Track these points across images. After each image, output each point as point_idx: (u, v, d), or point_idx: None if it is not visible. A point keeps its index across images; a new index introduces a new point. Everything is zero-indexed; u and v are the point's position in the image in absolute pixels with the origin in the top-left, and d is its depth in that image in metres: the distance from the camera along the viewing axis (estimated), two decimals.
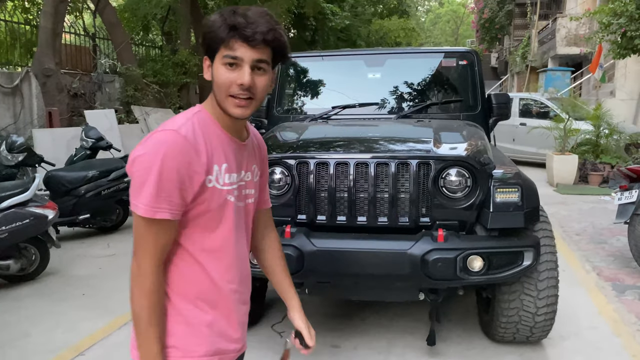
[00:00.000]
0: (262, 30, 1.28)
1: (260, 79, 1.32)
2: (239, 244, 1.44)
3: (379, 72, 4.41)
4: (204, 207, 1.33)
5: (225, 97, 1.32)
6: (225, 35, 1.28)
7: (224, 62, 1.30)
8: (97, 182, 5.95)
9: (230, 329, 1.43)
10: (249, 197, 1.47)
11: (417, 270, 2.82)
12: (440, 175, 2.95)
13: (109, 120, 10.57)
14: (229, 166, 1.37)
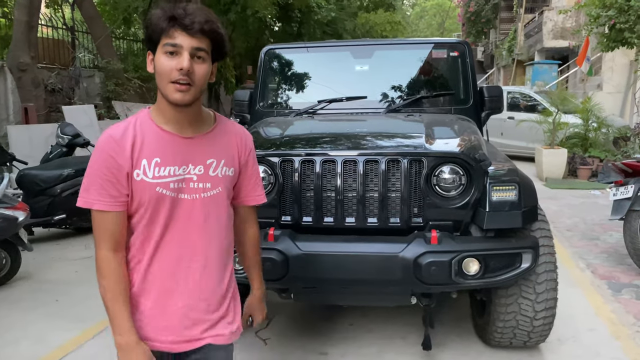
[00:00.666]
0: (200, 20, 1.40)
1: (199, 66, 1.43)
2: (188, 235, 1.51)
3: (367, 64, 4.22)
4: (137, 200, 1.46)
5: (167, 84, 1.42)
6: (165, 25, 1.40)
7: (165, 50, 1.41)
8: (74, 180, 5.69)
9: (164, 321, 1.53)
10: (201, 190, 1.51)
11: (410, 274, 2.64)
12: (433, 172, 2.76)
13: (88, 116, 10.26)
14: (162, 160, 1.46)
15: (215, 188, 1.54)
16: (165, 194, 1.46)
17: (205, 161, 1.52)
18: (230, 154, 1.59)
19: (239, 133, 1.64)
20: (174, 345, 1.55)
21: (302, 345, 3.32)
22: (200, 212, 1.52)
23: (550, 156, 9.36)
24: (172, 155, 1.47)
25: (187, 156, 1.50)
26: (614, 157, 9.44)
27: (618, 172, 4.72)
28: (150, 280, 1.51)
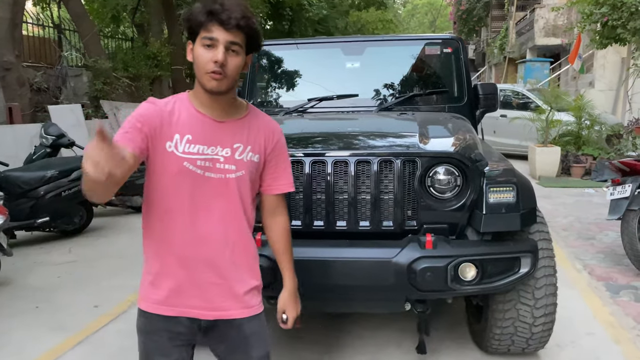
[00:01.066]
0: (237, 16, 1.50)
1: (232, 59, 1.54)
2: (200, 210, 1.60)
3: (358, 61, 4.09)
4: (161, 168, 1.57)
5: (203, 74, 1.54)
6: (204, 19, 1.51)
7: (203, 43, 1.52)
8: (57, 182, 5.53)
9: (161, 288, 1.63)
10: (227, 172, 1.61)
11: (404, 280, 2.52)
12: (428, 173, 2.64)
13: (75, 116, 10.07)
14: (194, 138, 1.57)
15: (239, 170, 1.64)
16: (191, 169, 1.57)
17: (233, 145, 1.63)
18: (257, 141, 1.68)
19: (268, 124, 1.74)
20: (204, 312, 1.64)
21: (293, 353, 3.19)
22: (224, 191, 1.62)
23: (543, 154, 9.28)
24: (202, 135, 1.59)
25: (217, 138, 1.61)
26: (607, 155, 9.38)
27: (615, 171, 4.62)
28: (170, 250, 1.62)
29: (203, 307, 1.64)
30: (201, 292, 1.63)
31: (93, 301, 4.05)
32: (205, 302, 1.64)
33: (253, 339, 1.71)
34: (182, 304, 1.63)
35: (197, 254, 1.62)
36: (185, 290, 1.63)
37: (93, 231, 6.18)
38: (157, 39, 14.87)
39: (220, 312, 1.65)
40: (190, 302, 1.63)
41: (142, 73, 13.87)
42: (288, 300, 1.85)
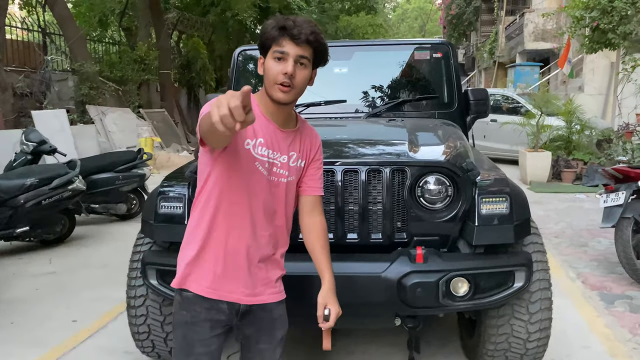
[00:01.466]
0: (306, 32, 1.64)
1: (301, 72, 1.67)
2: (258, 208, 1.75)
3: (346, 66, 3.98)
4: (235, 162, 1.68)
5: (272, 85, 1.67)
6: (276, 35, 1.64)
7: (274, 56, 1.66)
8: (37, 190, 5.34)
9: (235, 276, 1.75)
10: (281, 176, 1.78)
11: (393, 296, 2.40)
12: (418, 183, 2.53)
13: (59, 122, 9.90)
14: (265, 142, 1.72)
15: (290, 176, 1.81)
16: (259, 169, 1.72)
17: (289, 152, 1.80)
18: (305, 149, 1.86)
19: (312, 132, 1.91)
20: (244, 297, 1.77)
21: None
22: (275, 191, 1.78)
23: (534, 159, 9.23)
24: (270, 141, 1.74)
25: (279, 145, 1.77)
26: (598, 160, 9.35)
27: (608, 178, 4.54)
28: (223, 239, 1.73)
29: (242, 293, 1.77)
30: (243, 279, 1.76)
31: (72, 315, 3.89)
32: (245, 288, 1.77)
33: (278, 321, 1.89)
34: (224, 289, 1.75)
35: (245, 244, 1.75)
36: (228, 276, 1.75)
37: (75, 240, 6.00)
38: (144, 43, 14.69)
39: (257, 297, 1.80)
40: (231, 287, 1.75)
41: (129, 77, 13.69)
42: (330, 295, 1.91)
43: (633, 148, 9.05)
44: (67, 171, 5.60)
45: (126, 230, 6.48)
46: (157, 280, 2.61)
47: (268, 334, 1.87)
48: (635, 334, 3.49)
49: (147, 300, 2.81)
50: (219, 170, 1.70)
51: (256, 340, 1.86)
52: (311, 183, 1.91)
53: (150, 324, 2.84)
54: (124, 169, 6.67)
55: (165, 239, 2.71)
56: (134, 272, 2.84)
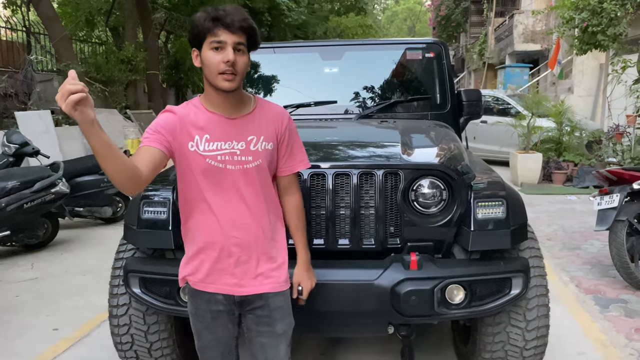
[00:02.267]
0: (239, 19, 1.69)
1: (240, 58, 1.72)
2: (234, 199, 1.80)
3: (337, 66, 3.89)
4: (188, 166, 1.77)
5: (216, 76, 1.71)
6: (210, 25, 1.68)
7: (211, 47, 1.69)
8: (19, 194, 5.19)
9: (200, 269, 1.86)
10: (245, 162, 1.79)
11: (387, 305, 2.31)
12: (411, 187, 2.44)
13: (44, 123, 9.70)
14: (211, 137, 1.76)
15: (255, 160, 1.80)
16: (213, 164, 1.76)
17: (247, 138, 1.80)
18: (268, 130, 1.84)
19: (275, 111, 1.90)
20: (236, 288, 1.84)
21: None
22: (245, 179, 1.80)
23: (525, 161, 9.19)
24: (219, 133, 1.77)
25: (232, 134, 1.78)
26: (588, 161, 9.34)
27: (602, 180, 4.48)
28: (205, 236, 1.82)
29: (235, 284, 1.84)
30: (233, 272, 1.83)
31: (53, 323, 3.76)
32: (236, 279, 1.83)
33: (277, 313, 1.89)
34: (218, 282, 1.84)
35: (228, 238, 1.80)
36: (219, 270, 1.83)
37: (58, 245, 5.85)
38: (131, 43, 14.50)
39: (249, 288, 1.84)
40: (224, 280, 1.84)
41: (116, 78, 13.49)
42: (303, 272, 2.03)
43: (623, 149, 9.06)
44: (50, 174, 5.45)
45: (111, 234, 6.34)
46: (140, 289, 2.50)
47: (267, 325, 1.89)
48: (631, 340, 3.42)
49: (130, 309, 2.69)
50: (180, 174, 1.82)
51: (257, 332, 1.91)
52: (283, 163, 1.92)
53: (134, 334, 2.72)
54: None
55: (149, 245, 2.60)
56: (117, 280, 2.72)
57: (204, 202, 1.80)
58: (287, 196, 1.98)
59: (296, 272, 2.03)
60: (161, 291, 2.47)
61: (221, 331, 1.91)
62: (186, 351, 2.96)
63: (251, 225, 1.83)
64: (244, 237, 1.82)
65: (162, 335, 2.73)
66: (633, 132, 9.14)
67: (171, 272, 2.46)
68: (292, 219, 2.00)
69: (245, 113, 1.83)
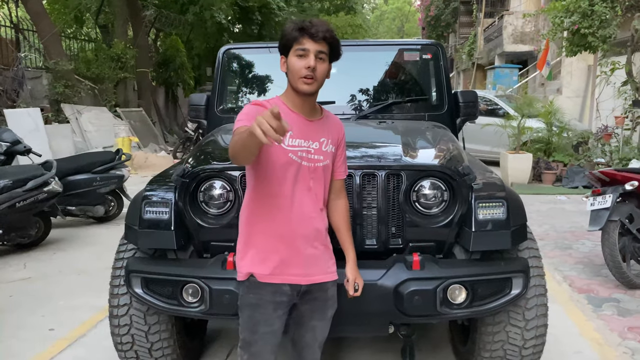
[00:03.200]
0: (322, 30, 1.87)
1: (321, 65, 1.90)
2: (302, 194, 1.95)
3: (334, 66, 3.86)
4: (269, 159, 1.87)
5: (297, 79, 1.89)
6: (297, 35, 1.87)
7: (296, 54, 1.88)
8: (11, 192, 5.13)
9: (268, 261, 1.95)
10: (317, 161, 1.97)
11: (390, 305, 2.33)
12: (413, 188, 2.46)
13: (33, 120, 9.63)
14: (295, 133, 1.91)
15: (325, 160, 2.00)
16: (294, 159, 1.91)
17: (320, 139, 1.99)
18: (333, 135, 2.05)
19: (337, 121, 2.13)
20: (303, 278, 1.97)
21: None
22: (314, 176, 1.98)
23: (515, 161, 9.27)
24: (299, 131, 1.93)
25: (309, 133, 1.96)
26: (577, 162, 9.45)
27: (595, 181, 4.54)
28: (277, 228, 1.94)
29: (302, 274, 1.96)
30: (301, 262, 1.96)
31: (48, 324, 3.73)
32: (304, 269, 1.96)
33: (331, 300, 2.09)
34: (286, 273, 1.94)
35: (299, 229, 1.94)
36: (289, 261, 1.94)
37: (51, 244, 5.80)
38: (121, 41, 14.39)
39: (316, 276, 1.99)
40: (292, 270, 1.95)
41: (106, 75, 13.38)
42: (356, 270, 2.15)
43: (611, 150, 9.18)
44: (43, 172, 5.40)
45: (104, 233, 6.30)
46: (142, 289, 2.49)
47: (321, 311, 2.07)
48: (625, 338, 3.48)
49: (130, 309, 2.68)
50: (259, 170, 1.91)
51: (310, 317, 2.06)
52: (336, 167, 2.10)
53: (134, 334, 2.71)
54: (102, 170, 6.47)
55: (151, 245, 2.59)
56: (117, 280, 2.70)
57: (279, 196, 1.92)
58: (338, 199, 2.13)
59: (351, 270, 2.14)
60: (163, 291, 2.47)
61: (277, 323, 1.99)
62: (187, 351, 2.97)
63: (317, 219, 1.99)
64: (311, 229, 1.98)
65: (163, 336, 2.73)
66: (621, 133, 9.27)
67: (174, 272, 2.48)
68: (343, 220, 2.14)
69: (319, 118, 2.03)
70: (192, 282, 2.40)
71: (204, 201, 2.51)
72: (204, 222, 2.50)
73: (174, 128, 18.58)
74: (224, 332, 3.57)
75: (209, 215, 2.52)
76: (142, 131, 13.92)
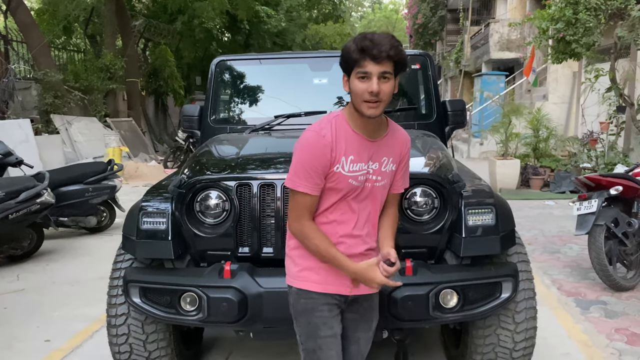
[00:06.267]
0: (386, 49, 1.72)
1: (385, 85, 1.77)
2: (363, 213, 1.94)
3: (326, 77, 3.96)
4: (333, 184, 1.87)
5: (361, 102, 1.79)
6: (357, 57, 1.74)
7: (358, 76, 1.77)
8: (4, 204, 5.12)
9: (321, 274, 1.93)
10: (375, 181, 1.92)
11: (383, 310, 2.36)
12: (404, 195, 2.53)
13: (23, 132, 9.61)
14: (355, 158, 1.86)
15: (383, 180, 1.95)
16: (354, 184, 1.88)
17: (381, 159, 1.93)
18: (396, 153, 1.98)
19: (402, 136, 2.03)
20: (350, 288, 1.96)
21: None
22: (371, 196, 1.94)
23: (504, 167, 9.40)
24: (361, 154, 1.88)
25: (371, 155, 1.90)
26: (565, 167, 9.60)
27: (581, 186, 4.65)
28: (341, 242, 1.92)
29: (350, 286, 1.94)
30: None
31: (43, 335, 3.74)
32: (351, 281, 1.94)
33: (374, 310, 2.11)
34: (337, 283, 1.93)
35: (351, 250, 1.92)
36: (341, 274, 1.91)
37: (44, 255, 5.80)
38: (110, 51, 14.40)
39: (363, 288, 1.97)
40: (343, 282, 1.93)
41: (95, 86, 13.37)
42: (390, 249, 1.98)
43: (597, 155, 9.34)
44: (35, 184, 5.41)
45: (96, 243, 6.31)
46: (140, 298, 2.54)
47: (366, 321, 2.08)
48: (612, 340, 3.56)
49: (128, 319, 2.72)
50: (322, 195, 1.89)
51: (354, 329, 2.06)
52: (396, 182, 2.04)
53: (132, 343, 2.75)
54: (94, 181, 6.49)
55: (148, 255, 2.64)
56: (115, 290, 2.74)
57: (337, 220, 1.91)
58: (390, 208, 2.07)
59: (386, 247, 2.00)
60: (161, 300, 2.52)
61: (336, 326, 1.95)
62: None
63: (370, 235, 1.98)
64: (364, 247, 1.96)
65: (161, 345, 2.77)
66: (606, 138, 9.43)
67: (171, 282, 2.53)
68: (391, 227, 2.06)
69: (383, 136, 1.93)
70: (189, 290, 2.44)
71: (200, 211, 2.57)
72: (200, 232, 2.55)
73: (164, 137, 18.57)
74: (220, 341, 3.61)
75: (206, 224, 2.57)
76: (132, 141, 13.91)
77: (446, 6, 25.93)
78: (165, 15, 18.28)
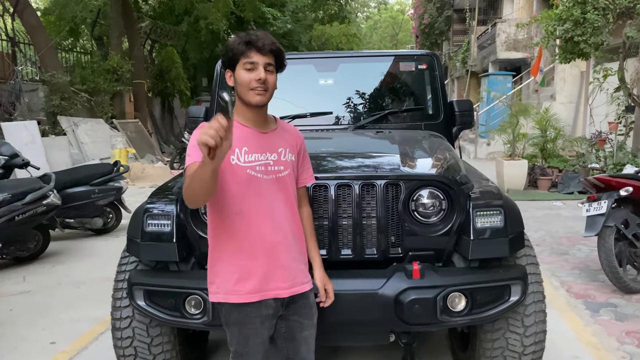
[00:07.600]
0: (268, 42, 1.91)
1: (270, 76, 1.92)
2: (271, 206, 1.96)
3: (332, 77, 3.95)
4: (230, 178, 1.89)
5: (248, 91, 1.90)
6: (244, 49, 1.89)
7: (245, 67, 1.89)
8: (10, 206, 5.13)
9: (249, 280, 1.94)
10: (278, 172, 1.97)
11: (391, 314, 2.36)
12: (412, 197, 2.50)
13: (30, 133, 9.65)
14: (249, 149, 1.92)
15: (286, 170, 2.00)
16: (253, 174, 1.91)
17: (277, 150, 2.00)
18: (291, 143, 2.07)
19: (293, 129, 2.16)
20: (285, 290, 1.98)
21: None
22: (279, 187, 1.98)
23: (511, 167, 9.34)
24: (255, 145, 1.94)
25: (265, 146, 1.97)
26: (572, 168, 9.52)
27: (590, 187, 4.59)
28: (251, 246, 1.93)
29: (284, 287, 1.97)
30: (281, 275, 1.96)
31: (49, 337, 3.74)
32: (285, 282, 1.97)
33: (314, 307, 2.11)
34: (268, 288, 1.94)
35: (273, 243, 1.94)
36: (269, 276, 1.94)
37: (50, 257, 5.80)
38: (117, 53, 14.44)
39: (296, 287, 2.01)
40: (274, 285, 1.95)
41: (102, 87, 13.41)
42: (325, 277, 2.19)
43: (606, 155, 9.26)
44: (42, 185, 5.41)
45: (102, 245, 6.31)
46: (144, 301, 2.52)
47: (309, 319, 2.10)
48: (623, 343, 3.51)
49: (133, 322, 2.70)
50: (220, 191, 1.87)
51: (300, 329, 2.08)
52: (301, 174, 2.12)
53: (137, 346, 2.73)
54: (100, 182, 6.49)
55: (153, 257, 2.62)
56: (119, 293, 2.72)
57: (245, 212, 1.91)
58: (301, 207, 2.15)
59: (320, 276, 2.17)
60: (166, 303, 2.49)
61: (266, 334, 2.00)
62: None
63: (288, 230, 2.00)
64: (286, 240, 1.99)
65: (166, 347, 2.75)
66: (615, 138, 9.35)
67: (176, 284, 2.50)
68: (307, 227, 2.17)
69: (273, 128, 2.04)
70: (194, 293, 2.42)
71: (204, 213, 2.54)
72: (205, 234, 2.53)
73: (170, 139, 18.60)
74: (224, 344, 3.58)
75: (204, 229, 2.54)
76: (138, 142, 13.94)
77: (452, 6, 25.86)
78: (172, 17, 18.32)
